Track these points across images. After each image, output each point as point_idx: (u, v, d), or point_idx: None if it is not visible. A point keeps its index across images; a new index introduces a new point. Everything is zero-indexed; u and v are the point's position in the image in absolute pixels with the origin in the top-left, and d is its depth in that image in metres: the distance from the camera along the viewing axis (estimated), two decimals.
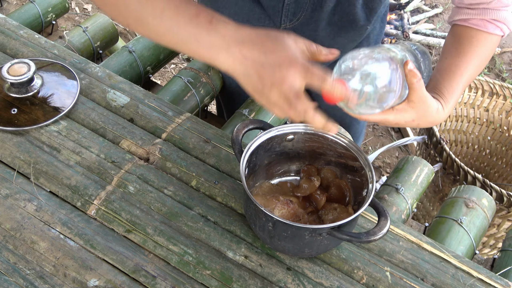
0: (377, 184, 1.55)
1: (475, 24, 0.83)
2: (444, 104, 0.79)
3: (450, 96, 0.80)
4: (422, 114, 0.75)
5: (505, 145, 1.76)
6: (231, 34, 0.63)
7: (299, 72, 0.60)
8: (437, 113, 0.77)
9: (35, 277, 0.74)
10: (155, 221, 0.81)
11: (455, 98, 0.81)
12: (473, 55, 0.82)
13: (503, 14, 0.82)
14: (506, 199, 1.33)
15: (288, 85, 0.60)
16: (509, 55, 2.61)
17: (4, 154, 0.88)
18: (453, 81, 0.81)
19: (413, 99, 0.72)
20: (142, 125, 0.95)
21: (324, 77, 0.62)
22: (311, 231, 0.72)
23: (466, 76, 0.82)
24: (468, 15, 0.83)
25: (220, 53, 0.63)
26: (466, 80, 0.82)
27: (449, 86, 0.80)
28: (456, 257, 0.84)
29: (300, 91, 0.62)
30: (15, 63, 0.93)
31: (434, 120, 0.78)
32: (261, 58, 0.61)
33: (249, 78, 0.63)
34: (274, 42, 0.62)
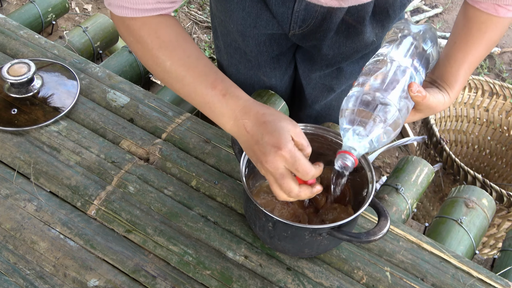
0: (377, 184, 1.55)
1: (486, 8, 0.80)
2: (450, 91, 0.80)
3: (456, 83, 0.80)
4: (429, 113, 0.77)
5: (505, 145, 1.76)
6: (240, 109, 0.71)
7: (284, 160, 0.67)
8: (444, 104, 0.78)
9: (35, 277, 0.74)
10: (155, 221, 0.81)
11: (461, 83, 0.81)
12: (482, 41, 0.81)
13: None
14: (506, 199, 1.33)
15: (273, 168, 0.67)
16: (509, 55, 2.61)
17: (4, 154, 0.88)
18: (460, 68, 0.80)
19: (420, 108, 0.74)
20: (142, 125, 0.95)
21: (307, 172, 0.67)
22: (311, 231, 0.72)
23: (473, 61, 0.81)
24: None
25: (229, 122, 0.72)
26: (473, 65, 0.82)
27: (455, 73, 0.80)
28: (456, 257, 0.83)
29: (285, 172, 0.67)
30: (15, 63, 0.93)
31: (440, 109, 0.79)
32: (257, 137, 0.69)
33: (247, 149, 0.72)
34: (273, 125, 0.69)
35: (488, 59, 2.58)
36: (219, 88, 0.73)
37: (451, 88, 0.79)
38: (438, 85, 0.80)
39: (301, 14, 0.93)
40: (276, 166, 0.67)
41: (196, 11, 2.64)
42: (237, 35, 1.03)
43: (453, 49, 0.81)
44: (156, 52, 0.74)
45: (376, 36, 0.99)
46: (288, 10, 0.92)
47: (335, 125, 1.11)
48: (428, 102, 0.73)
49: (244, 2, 0.94)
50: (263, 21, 0.96)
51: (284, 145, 0.67)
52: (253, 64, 1.09)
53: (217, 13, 1.04)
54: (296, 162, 0.67)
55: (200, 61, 0.75)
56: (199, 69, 0.74)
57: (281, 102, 1.15)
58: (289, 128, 0.69)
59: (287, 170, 0.67)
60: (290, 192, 0.68)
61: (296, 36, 0.98)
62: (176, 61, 0.74)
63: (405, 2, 0.98)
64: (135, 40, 0.76)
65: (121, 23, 0.77)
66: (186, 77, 0.74)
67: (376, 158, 2.15)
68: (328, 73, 1.09)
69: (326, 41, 0.98)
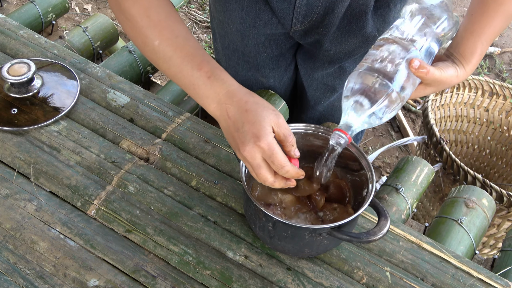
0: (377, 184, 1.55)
1: None
2: (466, 64, 0.78)
3: (472, 56, 0.79)
4: (441, 87, 0.77)
5: (505, 145, 1.76)
6: (224, 93, 0.72)
7: (262, 151, 0.68)
8: (457, 77, 0.77)
9: (35, 277, 0.74)
10: (155, 221, 0.81)
11: (478, 56, 0.80)
12: (498, 13, 0.79)
13: None
14: (506, 199, 1.33)
15: (250, 157, 0.68)
16: (509, 55, 2.61)
17: (4, 154, 0.88)
18: (476, 41, 0.79)
19: (428, 83, 0.74)
20: (142, 125, 0.95)
21: (282, 165, 0.68)
22: (311, 231, 0.72)
23: (491, 34, 0.80)
24: None
25: (212, 104, 0.72)
26: (490, 38, 0.80)
27: (472, 46, 0.79)
28: (456, 257, 0.83)
29: (261, 163, 0.69)
30: (15, 63, 0.93)
31: (455, 83, 0.79)
32: (238, 124, 0.69)
33: (226, 134, 0.72)
34: (255, 114, 0.69)
35: (488, 59, 2.58)
36: (205, 70, 0.73)
37: (466, 61, 0.78)
38: (454, 58, 0.79)
39: (303, 10, 0.93)
40: (253, 156, 0.68)
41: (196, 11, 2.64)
42: (236, 36, 1.03)
43: (470, 22, 0.80)
44: (145, 31, 0.74)
45: (377, 30, 0.99)
46: (290, 6, 0.92)
47: (335, 125, 1.11)
48: (434, 76, 0.72)
49: (243, 1, 0.94)
50: (262, 20, 0.96)
51: (263, 137, 0.67)
52: (251, 65, 1.09)
53: (216, 14, 1.04)
54: (273, 155, 0.68)
55: (188, 42, 0.75)
56: (187, 50, 0.74)
57: (281, 102, 1.15)
58: (271, 119, 0.69)
59: (264, 160, 0.69)
60: (265, 181, 0.70)
61: (297, 32, 0.98)
62: (164, 41, 0.74)
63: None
64: (125, 18, 0.75)
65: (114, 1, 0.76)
66: (173, 58, 0.74)
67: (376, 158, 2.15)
68: (330, 73, 1.09)
69: (328, 36, 0.98)
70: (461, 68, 0.78)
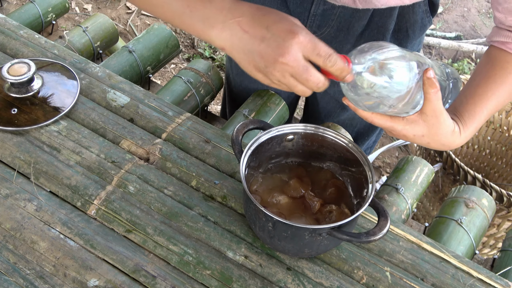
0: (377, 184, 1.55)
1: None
2: (463, 128, 0.72)
3: (470, 122, 0.73)
4: (434, 132, 0.70)
5: (505, 145, 1.76)
6: (229, 7, 0.58)
7: (303, 47, 0.57)
8: (452, 135, 0.71)
9: (35, 277, 0.74)
10: (155, 221, 0.81)
11: (477, 124, 0.73)
12: (505, 81, 0.74)
13: None
14: (506, 199, 1.33)
15: (293, 61, 0.56)
16: None
17: (4, 154, 0.88)
18: (477, 105, 0.73)
19: (425, 111, 0.67)
20: (142, 125, 0.95)
21: (330, 53, 0.59)
22: (311, 231, 0.72)
23: (494, 102, 0.74)
24: (507, 38, 0.74)
25: (215, 26, 0.58)
26: (493, 107, 0.74)
27: (472, 110, 0.73)
28: (456, 257, 0.84)
29: (307, 63, 0.58)
30: (15, 63, 0.93)
31: (448, 142, 0.71)
32: (262, 32, 0.57)
33: (249, 55, 0.58)
34: (276, 14, 0.58)
35: None
36: None
37: (463, 125, 0.73)
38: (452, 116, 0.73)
39: (318, 19, 0.90)
40: (297, 57, 0.57)
41: None
42: None
43: (473, 86, 0.75)
44: None
45: None
46: (305, 12, 0.88)
47: (335, 125, 1.11)
48: (436, 105, 0.66)
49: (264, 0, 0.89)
50: None
51: (300, 29, 0.56)
52: None
53: None
54: (317, 45, 0.57)
55: None
56: None
57: (281, 102, 1.15)
58: (294, 19, 0.58)
59: (307, 62, 0.58)
60: (318, 84, 0.59)
61: None
62: None
63: (426, 23, 0.95)
64: None
65: None
66: None
67: (376, 158, 2.15)
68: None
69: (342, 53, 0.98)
70: (457, 129, 0.72)
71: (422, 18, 0.94)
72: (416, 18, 0.93)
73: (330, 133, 0.82)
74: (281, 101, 1.15)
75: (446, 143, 0.71)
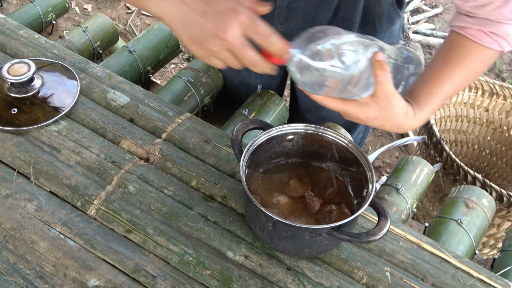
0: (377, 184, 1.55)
1: (470, 34, 0.75)
2: (417, 110, 0.73)
3: (425, 104, 0.74)
4: (386, 114, 0.71)
5: (505, 145, 1.76)
6: None
7: (243, 25, 0.58)
8: (406, 117, 0.72)
9: (35, 277, 0.74)
10: (155, 221, 0.81)
11: (432, 107, 0.74)
12: (461, 66, 0.75)
13: (504, 28, 0.73)
14: (506, 199, 1.33)
15: (232, 37, 0.58)
16: (509, 55, 2.61)
17: (4, 154, 0.88)
18: (433, 88, 0.74)
19: (377, 94, 0.69)
20: (142, 125, 0.95)
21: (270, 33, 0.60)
22: (311, 231, 0.72)
23: (450, 86, 0.75)
24: (465, 23, 0.75)
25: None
26: (449, 91, 0.76)
27: (427, 93, 0.74)
28: (456, 257, 0.84)
29: (245, 41, 0.60)
30: (15, 63, 0.93)
31: (401, 124, 0.72)
32: (202, 7, 0.58)
33: (187, 27, 0.59)
34: None
35: None
36: None
37: (418, 108, 0.73)
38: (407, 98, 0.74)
39: (284, 12, 0.91)
40: (236, 34, 0.58)
41: None
42: None
43: (431, 69, 0.76)
44: None
45: None
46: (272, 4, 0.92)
47: (335, 125, 1.11)
48: (387, 87, 0.67)
49: None
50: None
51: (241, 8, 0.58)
52: None
53: None
54: (256, 24, 0.59)
55: None
56: None
57: (281, 102, 1.15)
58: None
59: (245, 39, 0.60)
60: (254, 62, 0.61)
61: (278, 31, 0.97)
62: None
63: (393, 16, 0.96)
64: None
65: None
66: None
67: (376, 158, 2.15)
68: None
69: None
70: (411, 111, 0.72)
71: (389, 11, 0.95)
72: (382, 11, 0.94)
73: (330, 133, 0.82)
74: (281, 101, 1.15)
75: (399, 125, 0.72)
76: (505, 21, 0.73)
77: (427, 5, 2.82)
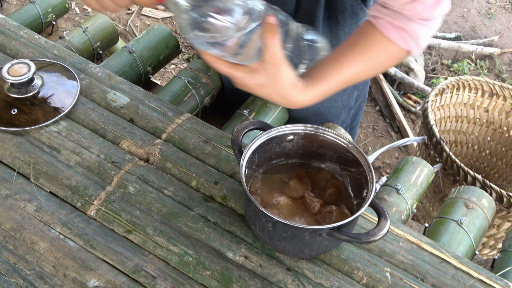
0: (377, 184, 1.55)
1: (380, 25, 0.73)
2: (309, 86, 0.71)
3: (319, 82, 0.72)
4: (274, 82, 0.69)
5: (505, 145, 1.76)
6: None
7: None
8: (294, 89, 0.70)
9: (35, 278, 0.74)
10: (155, 221, 0.81)
11: (326, 88, 0.72)
12: (364, 54, 0.74)
13: (414, 26, 0.72)
14: (506, 199, 1.33)
15: None
16: (509, 55, 2.61)
17: (4, 155, 0.88)
18: (330, 68, 0.72)
19: (265, 59, 0.67)
20: (142, 125, 0.95)
21: None
22: (311, 231, 0.72)
23: (349, 71, 0.73)
24: (379, 13, 0.74)
25: None
26: (347, 76, 0.74)
27: (323, 72, 0.72)
28: (456, 257, 0.84)
29: None
30: (15, 63, 0.93)
31: (289, 96, 0.70)
32: None
33: None
34: None
35: (488, 59, 2.58)
36: None
37: (310, 84, 0.72)
38: (305, 75, 0.73)
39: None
40: None
41: None
42: None
43: (336, 52, 0.75)
44: None
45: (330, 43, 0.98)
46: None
47: (335, 126, 1.11)
48: (276, 52, 0.66)
49: None
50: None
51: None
52: None
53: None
54: None
55: None
56: None
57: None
58: None
59: None
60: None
61: None
62: None
63: (357, 11, 0.95)
64: None
65: None
66: None
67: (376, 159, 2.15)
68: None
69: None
70: (304, 86, 0.71)
71: (352, 5, 0.95)
72: (345, 5, 0.94)
73: (330, 133, 0.82)
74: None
75: (286, 96, 0.71)
76: (417, 19, 0.71)
77: None
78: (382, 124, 2.30)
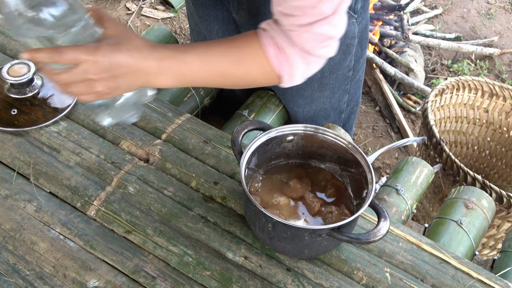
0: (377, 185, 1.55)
1: (264, 37, 0.70)
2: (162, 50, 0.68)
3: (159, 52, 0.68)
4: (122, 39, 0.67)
5: (504, 146, 1.76)
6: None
7: None
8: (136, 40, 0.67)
9: (34, 278, 0.74)
10: (155, 222, 0.81)
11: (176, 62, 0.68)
12: (236, 56, 0.71)
13: (294, 52, 0.69)
14: (506, 200, 1.33)
15: None
16: (508, 56, 2.61)
17: (4, 155, 0.88)
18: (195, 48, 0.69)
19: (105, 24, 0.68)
20: (142, 126, 0.95)
21: None
22: (310, 232, 0.72)
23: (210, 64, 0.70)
24: (268, 26, 0.71)
25: None
26: (206, 69, 0.70)
27: (183, 48, 0.69)
28: (455, 258, 0.84)
29: None
30: (15, 63, 0.93)
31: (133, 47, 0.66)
32: None
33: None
34: None
35: (488, 60, 2.58)
36: None
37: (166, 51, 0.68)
38: None
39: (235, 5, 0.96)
40: None
41: None
42: (196, 17, 1.07)
43: (211, 41, 0.72)
44: None
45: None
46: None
47: (335, 126, 1.11)
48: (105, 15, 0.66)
49: None
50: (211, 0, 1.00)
51: None
52: None
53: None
54: None
55: None
56: None
57: (281, 103, 1.15)
58: None
59: None
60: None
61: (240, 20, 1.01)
62: None
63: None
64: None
65: None
66: None
67: (376, 159, 2.15)
68: None
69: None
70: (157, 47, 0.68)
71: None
72: None
73: (330, 134, 0.82)
74: (280, 102, 1.15)
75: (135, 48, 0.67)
76: (300, 48, 0.69)
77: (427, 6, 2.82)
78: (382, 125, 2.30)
